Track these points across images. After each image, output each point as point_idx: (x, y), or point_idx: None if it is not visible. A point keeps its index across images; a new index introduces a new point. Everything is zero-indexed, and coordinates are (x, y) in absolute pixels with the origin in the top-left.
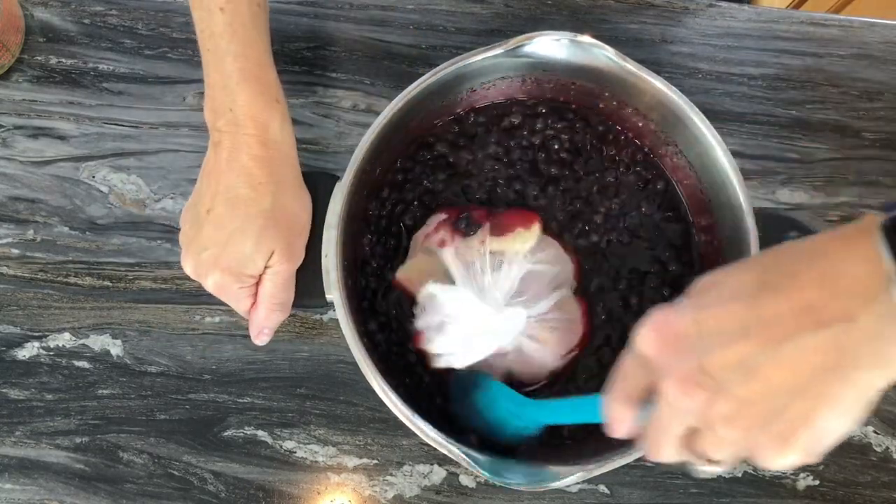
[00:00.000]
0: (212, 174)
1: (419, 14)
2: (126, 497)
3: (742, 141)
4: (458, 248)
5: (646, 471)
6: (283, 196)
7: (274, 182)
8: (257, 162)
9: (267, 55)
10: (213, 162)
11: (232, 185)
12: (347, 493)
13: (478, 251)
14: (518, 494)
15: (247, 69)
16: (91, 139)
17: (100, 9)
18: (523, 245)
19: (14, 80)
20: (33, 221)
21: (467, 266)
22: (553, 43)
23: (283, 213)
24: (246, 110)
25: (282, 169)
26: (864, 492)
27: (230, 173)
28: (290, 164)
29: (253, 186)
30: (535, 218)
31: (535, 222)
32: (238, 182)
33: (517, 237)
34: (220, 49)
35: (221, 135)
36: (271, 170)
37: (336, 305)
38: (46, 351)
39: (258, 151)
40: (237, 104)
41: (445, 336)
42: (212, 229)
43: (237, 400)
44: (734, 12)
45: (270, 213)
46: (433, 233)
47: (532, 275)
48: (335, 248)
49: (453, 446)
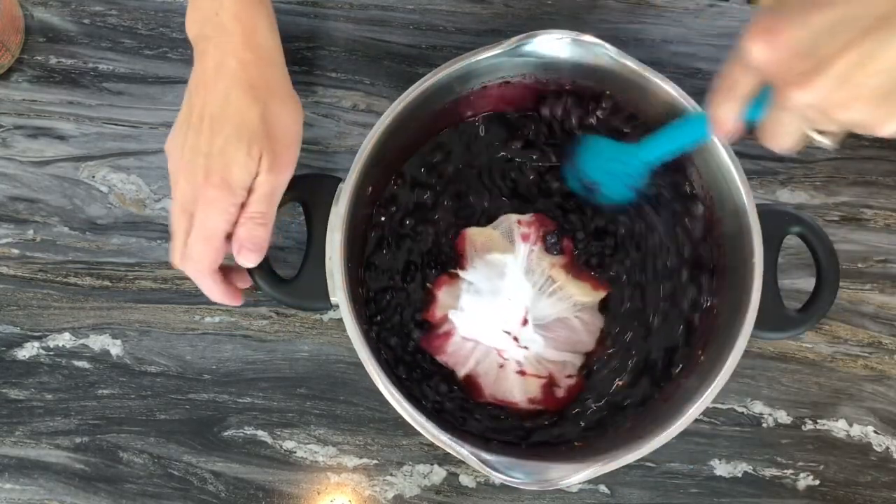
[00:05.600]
0: (199, 86)
1: (419, 14)
2: (126, 497)
3: (742, 141)
4: (534, 252)
5: (646, 471)
6: (273, 103)
7: (264, 87)
8: (246, 66)
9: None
10: (200, 73)
11: (223, 91)
12: (347, 493)
13: (541, 270)
14: (518, 494)
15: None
16: (91, 139)
17: (100, 9)
18: (581, 297)
19: (14, 80)
20: (33, 221)
21: (528, 270)
22: (554, 41)
23: (274, 120)
24: (233, 13)
25: (271, 73)
26: (864, 492)
27: (219, 80)
28: (279, 69)
29: (244, 90)
30: (606, 288)
31: (603, 291)
32: (229, 87)
33: (581, 288)
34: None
35: (207, 42)
36: (260, 74)
37: (341, 307)
38: (46, 351)
39: (245, 55)
40: (223, 7)
41: (473, 298)
42: (207, 136)
43: (237, 400)
44: (734, 12)
45: (262, 120)
46: (527, 226)
47: (565, 323)
48: (339, 251)
49: (460, 446)
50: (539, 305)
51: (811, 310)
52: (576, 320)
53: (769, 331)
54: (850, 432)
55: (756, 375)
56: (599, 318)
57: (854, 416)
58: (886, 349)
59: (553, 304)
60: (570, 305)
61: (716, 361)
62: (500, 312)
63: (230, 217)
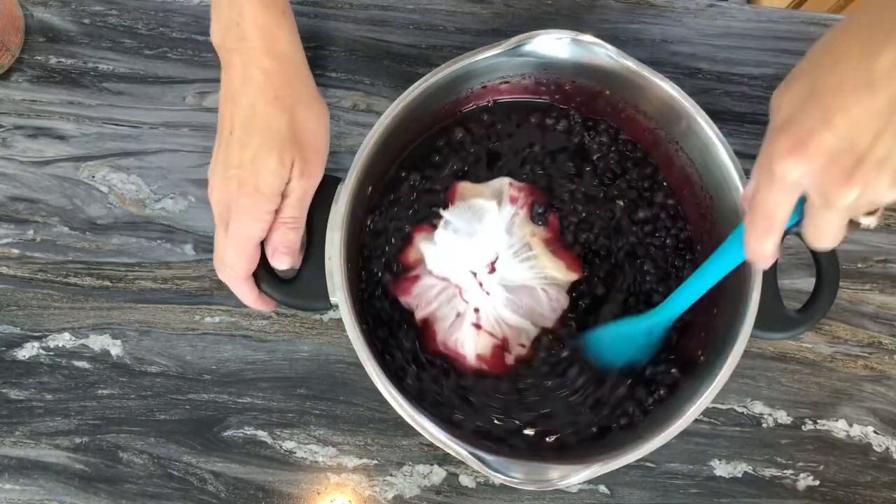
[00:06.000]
0: (228, 97)
1: (419, 14)
2: (126, 497)
3: (742, 141)
4: (518, 216)
5: (646, 471)
6: (300, 109)
7: (289, 95)
8: (270, 76)
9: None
10: (227, 84)
11: (249, 103)
12: (347, 493)
13: (521, 236)
14: (518, 494)
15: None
16: (91, 139)
17: (100, 9)
18: (553, 272)
19: (14, 80)
20: (33, 221)
21: (509, 230)
22: (554, 41)
23: (301, 126)
24: (253, 22)
25: (296, 80)
26: (864, 492)
27: (245, 91)
28: (304, 75)
29: (269, 101)
30: (580, 271)
31: (577, 273)
32: (255, 98)
33: (557, 265)
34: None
35: (231, 54)
36: (284, 82)
37: (340, 307)
38: (46, 351)
39: (268, 64)
40: (244, 17)
41: (449, 235)
42: (237, 149)
43: (237, 400)
44: (734, 12)
45: (290, 128)
46: (517, 190)
47: (530, 293)
48: (339, 251)
49: (459, 447)
50: (509, 267)
51: (811, 310)
52: (542, 293)
53: (769, 331)
54: (850, 432)
55: (756, 375)
56: (566, 298)
57: (854, 417)
58: (886, 349)
59: (523, 270)
60: (539, 276)
61: (716, 361)
62: (472, 253)
63: (263, 224)
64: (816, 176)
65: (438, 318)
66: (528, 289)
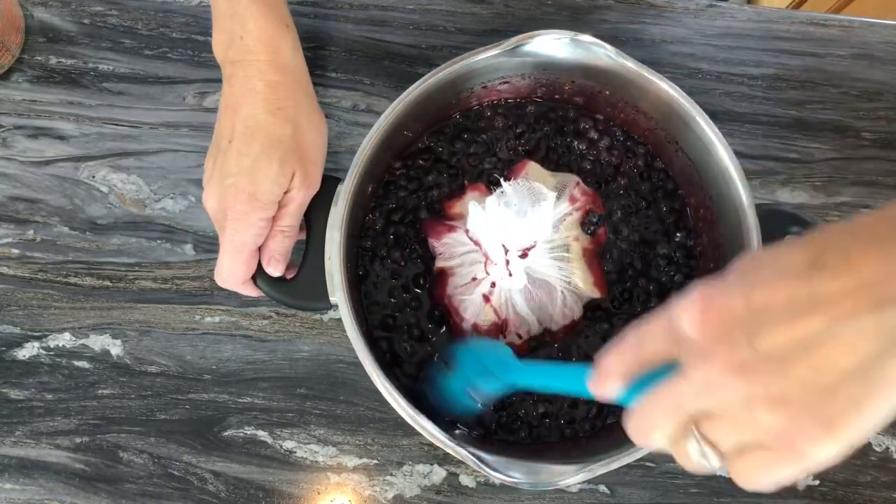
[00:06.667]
0: (228, 108)
1: (419, 14)
2: (126, 497)
3: (742, 141)
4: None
5: (646, 471)
6: (302, 121)
7: (292, 107)
8: (272, 87)
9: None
10: (229, 95)
11: (251, 114)
12: (347, 493)
13: (566, 236)
14: (518, 494)
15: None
16: (91, 139)
17: (100, 9)
18: (579, 282)
19: (14, 80)
20: (33, 221)
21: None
22: (553, 42)
23: (303, 138)
24: (256, 35)
25: (297, 94)
26: (864, 492)
27: (247, 102)
28: (305, 89)
29: (271, 112)
30: (604, 293)
31: (601, 293)
32: (256, 109)
33: (585, 277)
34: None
35: (234, 66)
36: (288, 94)
37: (340, 308)
38: (46, 351)
39: (272, 77)
40: (247, 29)
41: (500, 205)
42: (235, 158)
43: (237, 400)
44: (734, 12)
45: (292, 139)
46: (581, 192)
47: (550, 291)
48: (338, 251)
49: (459, 447)
50: (541, 259)
51: None
52: (560, 295)
53: None
54: None
55: None
56: (580, 311)
57: None
58: None
59: (552, 268)
60: (565, 280)
61: None
62: (513, 232)
63: (258, 231)
64: (706, 343)
65: (455, 273)
66: (549, 286)
